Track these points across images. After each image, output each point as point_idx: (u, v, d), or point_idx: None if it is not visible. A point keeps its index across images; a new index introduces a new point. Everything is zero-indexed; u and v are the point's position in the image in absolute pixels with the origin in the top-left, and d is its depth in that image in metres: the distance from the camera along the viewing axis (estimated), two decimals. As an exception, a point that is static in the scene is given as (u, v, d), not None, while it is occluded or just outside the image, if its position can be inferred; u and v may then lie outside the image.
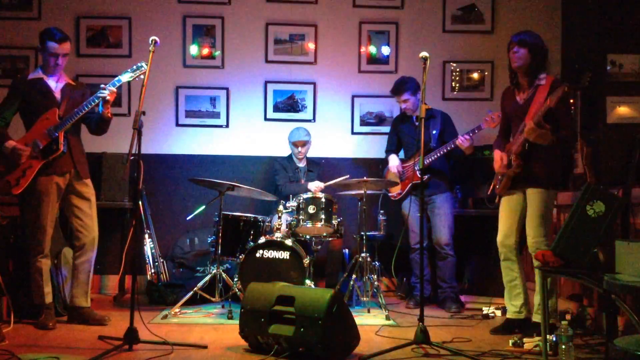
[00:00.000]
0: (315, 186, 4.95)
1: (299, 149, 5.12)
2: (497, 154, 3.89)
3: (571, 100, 4.68)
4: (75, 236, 3.97)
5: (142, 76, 3.66)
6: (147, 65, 3.54)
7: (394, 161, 4.91)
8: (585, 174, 4.59)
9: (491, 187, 3.98)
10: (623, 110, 4.88)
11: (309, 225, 4.51)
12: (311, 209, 4.52)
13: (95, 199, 4.06)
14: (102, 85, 3.77)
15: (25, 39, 5.31)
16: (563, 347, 3.14)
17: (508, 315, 3.89)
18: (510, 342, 3.47)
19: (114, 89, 3.77)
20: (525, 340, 3.44)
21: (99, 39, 5.43)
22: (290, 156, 5.25)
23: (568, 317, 3.87)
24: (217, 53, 5.47)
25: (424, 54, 3.53)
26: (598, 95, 4.87)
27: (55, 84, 3.95)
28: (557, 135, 3.58)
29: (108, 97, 3.76)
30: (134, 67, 3.71)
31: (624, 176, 3.54)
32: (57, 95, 3.93)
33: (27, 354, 3.16)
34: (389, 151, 5.04)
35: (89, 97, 3.86)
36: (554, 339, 3.24)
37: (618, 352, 2.10)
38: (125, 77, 3.73)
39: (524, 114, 3.70)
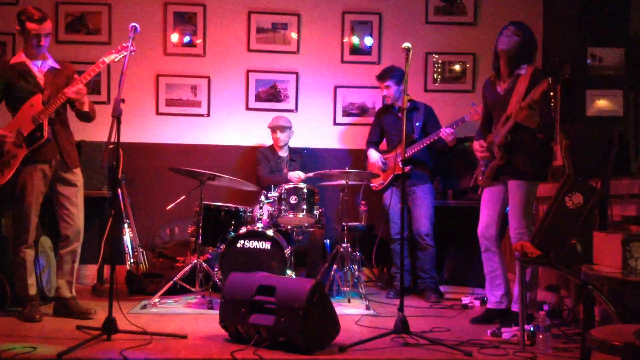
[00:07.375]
0: (297, 176, 4.94)
1: (278, 134, 5.09)
2: (476, 144, 3.93)
3: (551, 93, 4.71)
4: (61, 225, 3.86)
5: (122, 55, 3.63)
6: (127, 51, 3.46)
7: (374, 157, 4.90)
8: (564, 166, 4.63)
9: (474, 177, 4.00)
10: (602, 103, 4.92)
11: (291, 215, 4.51)
12: (293, 200, 4.51)
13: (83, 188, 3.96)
14: (76, 76, 3.69)
15: (3, 24, 5.22)
16: (540, 336, 3.19)
17: (489, 306, 3.91)
18: (489, 331, 3.51)
19: (81, 87, 3.66)
20: (503, 330, 3.48)
21: (78, 25, 5.35)
22: (272, 146, 5.22)
23: (546, 307, 3.91)
24: (199, 41, 5.41)
25: (406, 44, 3.53)
26: (578, 88, 4.91)
27: (38, 68, 3.81)
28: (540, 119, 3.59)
29: (72, 97, 3.67)
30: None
31: (602, 168, 3.58)
32: (41, 80, 3.79)
33: (4, 344, 3.12)
34: (370, 143, 5.04)
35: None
36: (532, 328, 3.28)
37: (595, 342, 2.12)
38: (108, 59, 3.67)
39: (505, 104, 3.71)
